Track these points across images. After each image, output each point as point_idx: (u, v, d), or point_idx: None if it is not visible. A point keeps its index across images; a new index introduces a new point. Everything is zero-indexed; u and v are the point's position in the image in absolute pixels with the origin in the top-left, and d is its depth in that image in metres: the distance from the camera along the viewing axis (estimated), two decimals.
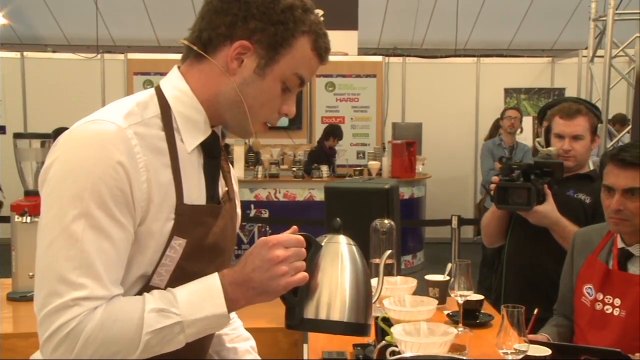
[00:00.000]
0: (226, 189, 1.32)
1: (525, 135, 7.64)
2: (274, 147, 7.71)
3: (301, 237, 1.18)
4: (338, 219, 1.29)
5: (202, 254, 1.20)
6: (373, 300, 1.28)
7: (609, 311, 1.99)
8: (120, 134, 1.10)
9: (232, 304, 1.14)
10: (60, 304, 1.05)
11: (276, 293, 1.15)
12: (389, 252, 1.41)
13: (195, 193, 1.21)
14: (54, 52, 9.06)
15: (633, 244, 2.01)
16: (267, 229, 6.85)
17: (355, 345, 1.81)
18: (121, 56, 8.84)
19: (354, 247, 1.24)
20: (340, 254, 1.22)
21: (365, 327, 1.21)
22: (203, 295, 1.13)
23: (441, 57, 9.32)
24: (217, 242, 1.25)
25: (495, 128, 6.99)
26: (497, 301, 2.51)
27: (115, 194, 1.08)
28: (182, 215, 1.16)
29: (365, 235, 2.13)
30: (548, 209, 2.41)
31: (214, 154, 1.26)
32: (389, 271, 2.11)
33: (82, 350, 1.06)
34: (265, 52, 1.17)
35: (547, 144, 2.63)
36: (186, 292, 1.13)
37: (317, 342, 1.85)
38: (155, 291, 1.14)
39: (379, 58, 8.75)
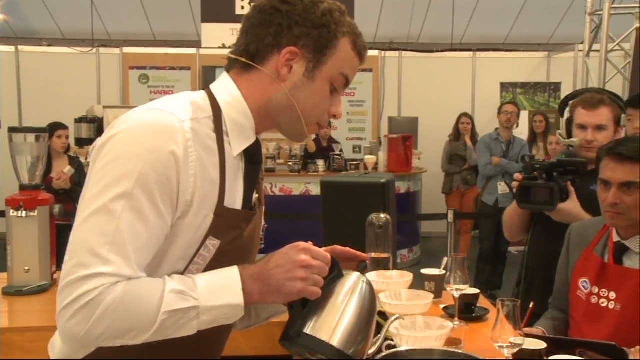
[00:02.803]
0: (257, 195, 1.36)
1: (521, 130, 7.65)
2: (270, 142, 7.70)
3: (329, 256, 1.21)
4: (367, 262, 1.34)
5: (232, 256, 1.22)
6: (371, 348, 1.29)
7: (604, 305, 2.00)
8: (178, 126, 1.14)
9: (248, 297, 1.16)
10: (85, 274, 1.07)
11: (289, 296, 1.18)
12: (395, 317, 1.42)
13: (234, 197, 1.24)
14: (49, 46, 9.02)
15: (629, 238, 2.01)
16: (263, 223, 6.84)
17: None
18: (117, 50, 8.81)
19: (370, 287, 1.27)
20: (356, 289, 1.24)
21: None
22: (221, 284, 1.16)
23: (437, 51, 9.31)
24: (245, 245, 1.29)
25: (457, 130, 7.04)
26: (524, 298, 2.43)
27: (162, 181, 1.11)
28: (221, 216, 1.19)
29: (361, 230, 2.13)
30: (571, 207, 2.37)
31: (255, 161, 1.30)
32: (384, 265, 2.11)
33: (98, 322, 1.07)
34: (312, 55, 1.23)
35: (569, 135, 2.57)
36: (205, 279, 1.16)
37: None
38: (175, 275, 1.16)
39: (375, 52, 8.74)
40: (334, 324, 1.19)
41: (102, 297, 1.06)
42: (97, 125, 7.63)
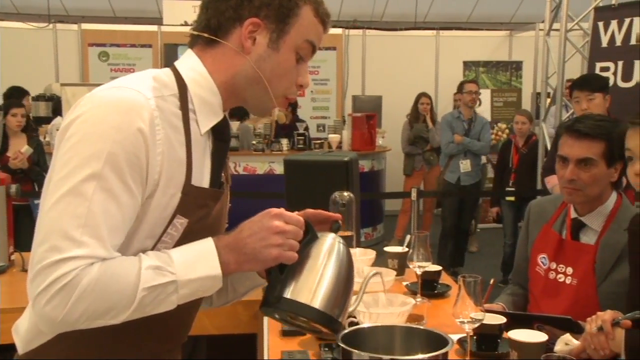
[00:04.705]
0: (223, 174, 1.34)
1: (483, 108, 7.73)
2: (234, 120, 7.63)
3: (302, 219, 1.20)
4: (339, 222, 1.33)
5: (199, 235, 1.21)
6: (352, 306, 1.29)
7: (562, 280, 2.05)
8: (145, 103, 1.12)
9: (224, 267, 1.16)
10: (59, 258, 1.04)
11: (265, 262, 1.18)
12: (373, 272, 1.41)
13: (201, 175, 1.23)
14: (1, 20, 8.73)
15: (585, 214, 2.06)
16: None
17: (322, 345, 1.70)
18: (74, 26, 8.58)
19: (346, 248, 1.27)
20: (332, 250, 1.24)
21: (339, 324, 1.22)
22: (197, 257, 1.15)
23: (401, 29, 9.31)
24: (213, 224, 1.28)
25: (416, 111, 7.05)
26: None
27: (131, 160, 1.09)
28: (188, 195, 1.18)
29: (324, 208, 2.13)
30: None
31: (223, 138, 1.29)
32: (348, 243, 2.12)
33: (76, 304, 1.05)
34: (275, 25, 1.21)
35: None
36: (181, 253, 1.15)
37: (275, 343, 1.75)
38: (150, 251, 1.15)
39: (338, 30, 8.70)
40: (314, 286, 1.19)
41: (78, 280, 1.04)
42: (55, 103, 7.43)
